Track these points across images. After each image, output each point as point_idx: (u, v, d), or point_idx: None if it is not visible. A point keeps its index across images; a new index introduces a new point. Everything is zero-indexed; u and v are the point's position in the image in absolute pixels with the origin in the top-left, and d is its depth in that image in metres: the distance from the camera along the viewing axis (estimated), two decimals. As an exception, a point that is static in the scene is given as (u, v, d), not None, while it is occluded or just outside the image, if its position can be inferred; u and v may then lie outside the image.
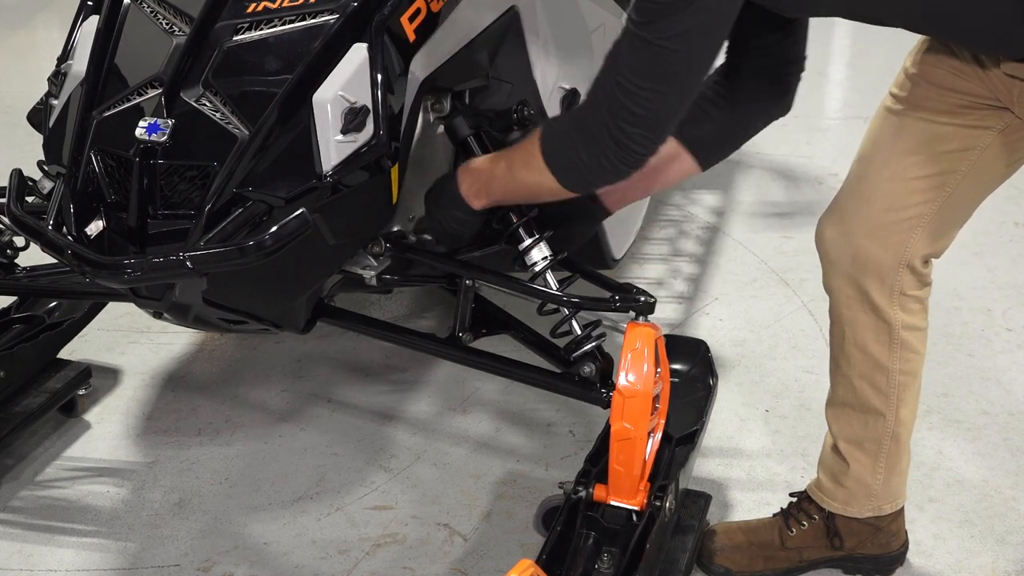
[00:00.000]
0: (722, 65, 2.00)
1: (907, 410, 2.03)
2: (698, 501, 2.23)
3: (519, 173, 1.88)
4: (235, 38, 1.87)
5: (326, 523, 2.32)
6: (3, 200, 2.14)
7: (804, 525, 2.15)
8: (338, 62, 1.83)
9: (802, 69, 2.00)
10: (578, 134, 1.77)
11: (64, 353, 2.66)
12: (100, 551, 2.25)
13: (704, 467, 2.46)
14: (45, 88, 2.16)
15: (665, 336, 2.03)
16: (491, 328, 2.25)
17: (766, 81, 1.99)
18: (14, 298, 2.64)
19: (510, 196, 1.96)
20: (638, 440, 1.91)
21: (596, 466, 2.01)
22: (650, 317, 2.00)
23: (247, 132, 1.80)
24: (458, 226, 2.02)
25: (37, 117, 2.29)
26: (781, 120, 2.05)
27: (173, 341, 2.94)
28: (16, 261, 2.44)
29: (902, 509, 2.14)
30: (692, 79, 1.71)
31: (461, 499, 2.39)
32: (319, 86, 1.82)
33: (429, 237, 2.29)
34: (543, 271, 2.08)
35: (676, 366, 2.24)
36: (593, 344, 2.06)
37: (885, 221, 1.89)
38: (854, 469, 2.07)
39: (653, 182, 2.08)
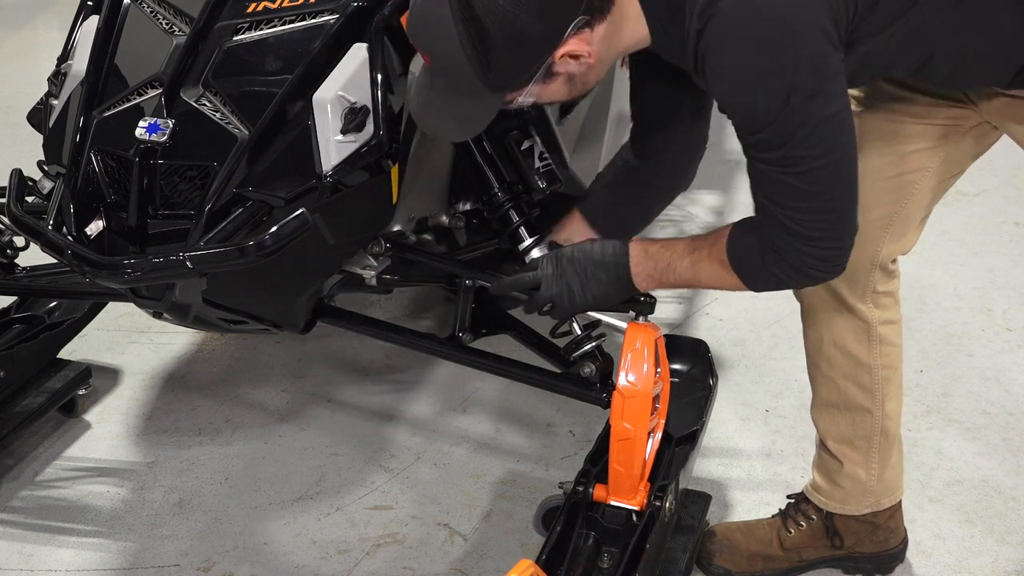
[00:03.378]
0: (631, 148, 2.04)
1: (892, 403, 2.04)
2: (698, 501, 2.23)
3: (705, 278, 1.83)
4: (235, 38, 1.87)
5: (326, 523, 2.32)
6: (3, 200, 2.14)
7: (803, 526, 2.15)
8: (338, 62, 1.83)
9: (705, 144, 2.04)
10: (779, 268, 1.71)
11: (64, 353, 2.66)
12: (100, 551, 2.25)
13: (704, 467, 2.46)
14: (45, 88, 2.16)
15: (665, 336, 2.03)
16: (491, 328, 2.25)
17: (675, 159, 2.04)
18: (14, 298, 2.64)
19: (680, 286, 1.92)
20: (638, 440, 1.91)
21: (596, 466, 2.01)
22: (650, 317, 2.00)
23: (247, 132, 1.79)
24: (607, 300, 1.92)
25: (37, 117, 2.28)
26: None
27: (173, 341, 2.94)
28: (16, 261, 2.44)
29: (900, 504, 2.15)
30: (851, 173, 1.64)
31: (461, 499, 2.39)
32: (319, 86, 1.81)
33: (429, 237, 2.28)
34: (543, 271, 2.08)
35: (676, 366, 2.25)
36: (593, 344, 2.06)
37: None
38: (848, 467, 2.08)
39: None
